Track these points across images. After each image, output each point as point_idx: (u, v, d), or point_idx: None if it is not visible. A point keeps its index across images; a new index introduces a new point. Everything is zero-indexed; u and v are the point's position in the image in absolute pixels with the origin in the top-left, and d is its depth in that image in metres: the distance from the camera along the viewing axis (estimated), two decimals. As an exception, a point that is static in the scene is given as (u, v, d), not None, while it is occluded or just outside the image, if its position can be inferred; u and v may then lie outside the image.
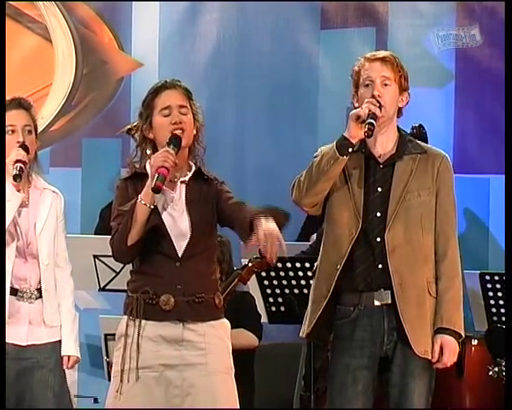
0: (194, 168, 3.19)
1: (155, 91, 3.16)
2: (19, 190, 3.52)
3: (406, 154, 3.48)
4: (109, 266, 5.11)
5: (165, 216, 3.06)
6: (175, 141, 3.07)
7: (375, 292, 3.42)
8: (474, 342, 4.90)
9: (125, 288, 5.20)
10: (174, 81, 3.20)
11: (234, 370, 3.03)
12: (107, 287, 5.20)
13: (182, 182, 3.17)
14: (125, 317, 3.05)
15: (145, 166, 3.18)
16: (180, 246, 3.06)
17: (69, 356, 3.67)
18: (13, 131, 3.59)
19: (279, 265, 4.71)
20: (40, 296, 3.61)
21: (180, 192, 3.16)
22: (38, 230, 3.65)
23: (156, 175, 2.93)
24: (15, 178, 3.47)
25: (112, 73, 8.38)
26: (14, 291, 3.54)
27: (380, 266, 3.43)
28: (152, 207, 2.96)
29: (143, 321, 2.96)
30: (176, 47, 8.19)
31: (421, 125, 6.52)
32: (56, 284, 3.71)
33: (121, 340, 3.01)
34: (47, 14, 7.77)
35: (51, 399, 3.57)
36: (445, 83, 7.58)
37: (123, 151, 7.87)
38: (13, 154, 3.50)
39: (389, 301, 3.40)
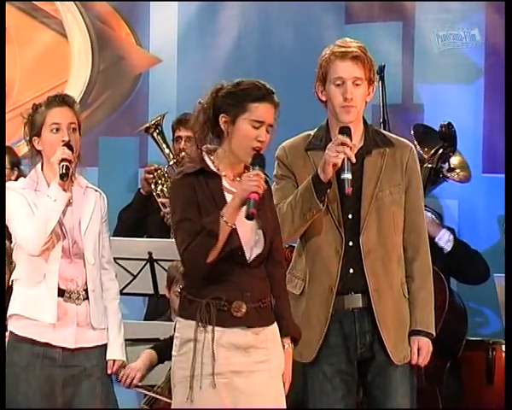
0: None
1: (257, 96, 3.13)
2: (65, 190, 3.46)
3: (374, 148, 3.45)
4: (127, 270, 5.06)
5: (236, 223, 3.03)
6: (261, 161, 3.08)
7: (345, 296, 3.40)
8: (504, 347, 4.68)
9: (143, 292, 5.57)
10: (274, 98, 3.20)
11: None
12: (124, 291, 5.03)
13: None
14: (189, 322, 3.04)
15: (202, 160, 3.14)
16: (250, 253, 3.09)
17: (114, 360, 3.65)
18: (58, 130, 3.55)
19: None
20: (87, 297, 3.57)
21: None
22: (83, 229, 3.60)
23: (249, 201, 2.91)
24: (62, 177, 3.42)
25: (129, 70, 8.18)
26: (61, 292, 3.50)
27: (351, 270, 3.43)
28: (234, 226, 2.99)
29: (215, 327, 2.95)
30: (195, 42, 7.93)
31: (449, 124, 6.29)
32: (102, 286, 3.69)
33: (187, 345, 3.00)
34: (62, 9, 7.57)
35: (99, 407, 3.58)
36: (474, 79, 7.35)
37: (140, 150, 7.67)
38: (58, 152, 3.45)
39: (360, 305, 3.39)
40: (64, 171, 3.41)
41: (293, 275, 3.53)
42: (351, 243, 3.40)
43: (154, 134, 6.75)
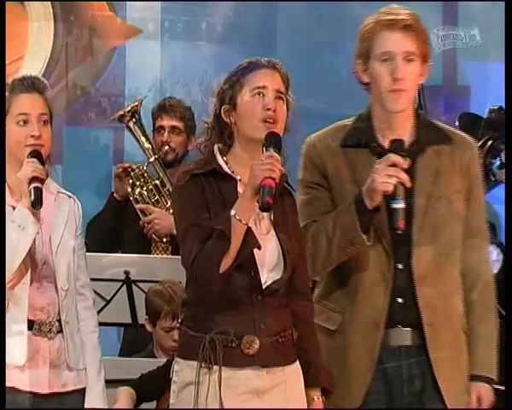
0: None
1: (249, 67, 2.87)
2: (37, 219, 3.04)
3: (428, 145, 3.03)
4: (98, 294, 4.25)
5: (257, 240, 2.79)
6: (275, 141, 2.70)
7: (390, 330, 2.95)
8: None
9: (118, 321, 4.89)
10: (273, 62, 2.93)
11: None
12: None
13: None
14: (190, 362, 2.69)
15: (214, 159, 2.89)
16: (266, 276, 2.76)
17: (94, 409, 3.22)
18: (25, 122, 3.20)
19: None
20: (61, 330, 3.22)
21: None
22: (55, 245, 3.24)
23: (263, 189, 2.57)
24: (34, 204, 3.01)
25: (101, 43, 7.17)
26: (29, 324, 3.13)
27: (399, 299, 2.96)
28: (249, 224, 2.67)
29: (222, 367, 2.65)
30: (182, 9, 7.10)
31: (500, 108, 5.50)
32: (78, 317, 3.30)
33: (188, 389, 2.66)
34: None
35: None
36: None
37: (114, 144, 6.78)
38: (28, 169, 3.04)
39: (410, 343, 2.95)
40: (36, 197, 2.99)
41: (324, 306, 3.08)
42: (400, 266, 2.94)
43: (130, 124, 6.00)
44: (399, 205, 2.77)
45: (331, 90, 13.60)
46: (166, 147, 5.39)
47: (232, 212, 2.62)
